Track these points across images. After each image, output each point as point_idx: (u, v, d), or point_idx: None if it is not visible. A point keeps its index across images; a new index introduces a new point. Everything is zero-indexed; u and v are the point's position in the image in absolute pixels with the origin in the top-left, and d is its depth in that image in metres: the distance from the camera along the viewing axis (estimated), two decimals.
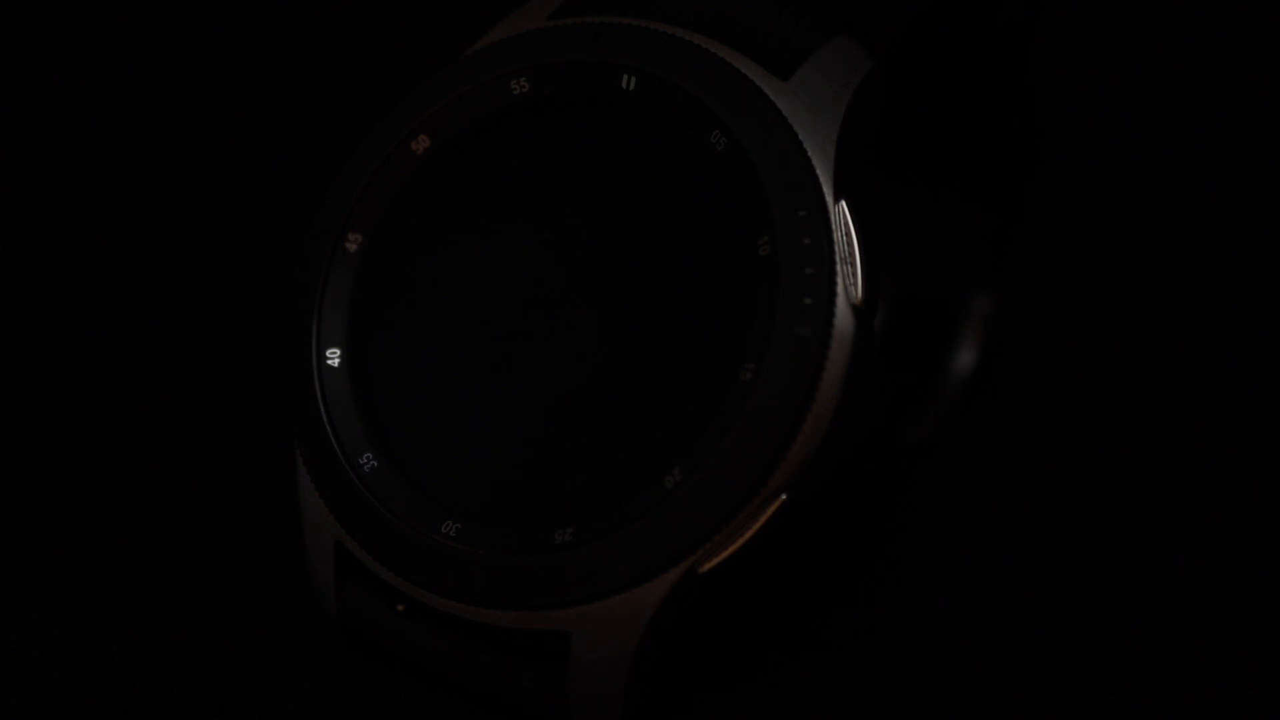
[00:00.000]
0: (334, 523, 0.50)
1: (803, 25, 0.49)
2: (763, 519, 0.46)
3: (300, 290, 0.51)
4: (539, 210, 0.50)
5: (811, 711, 0.51)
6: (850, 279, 0.47)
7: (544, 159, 0.50)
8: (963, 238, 0.63)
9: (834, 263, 0.46)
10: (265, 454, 0.58)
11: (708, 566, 0.46)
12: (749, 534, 0.46)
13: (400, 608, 0.49)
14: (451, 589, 0.48)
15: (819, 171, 0.47)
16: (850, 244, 0.47)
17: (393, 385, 0.50)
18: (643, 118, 0.49)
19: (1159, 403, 0.61)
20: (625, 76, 0.49)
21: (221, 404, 0.61)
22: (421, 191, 0.51)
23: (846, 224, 0.47)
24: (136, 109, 0.73)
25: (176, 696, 0.51)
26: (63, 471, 0.58)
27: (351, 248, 0.51)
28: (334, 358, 0.50)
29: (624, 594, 0.47)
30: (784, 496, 0.46)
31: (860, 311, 0.47)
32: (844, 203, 0.47)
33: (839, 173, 0.47)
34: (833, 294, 0.46)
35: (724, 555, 0.46)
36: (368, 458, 0.49)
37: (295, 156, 0.71)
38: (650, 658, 0.48)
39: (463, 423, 0.49)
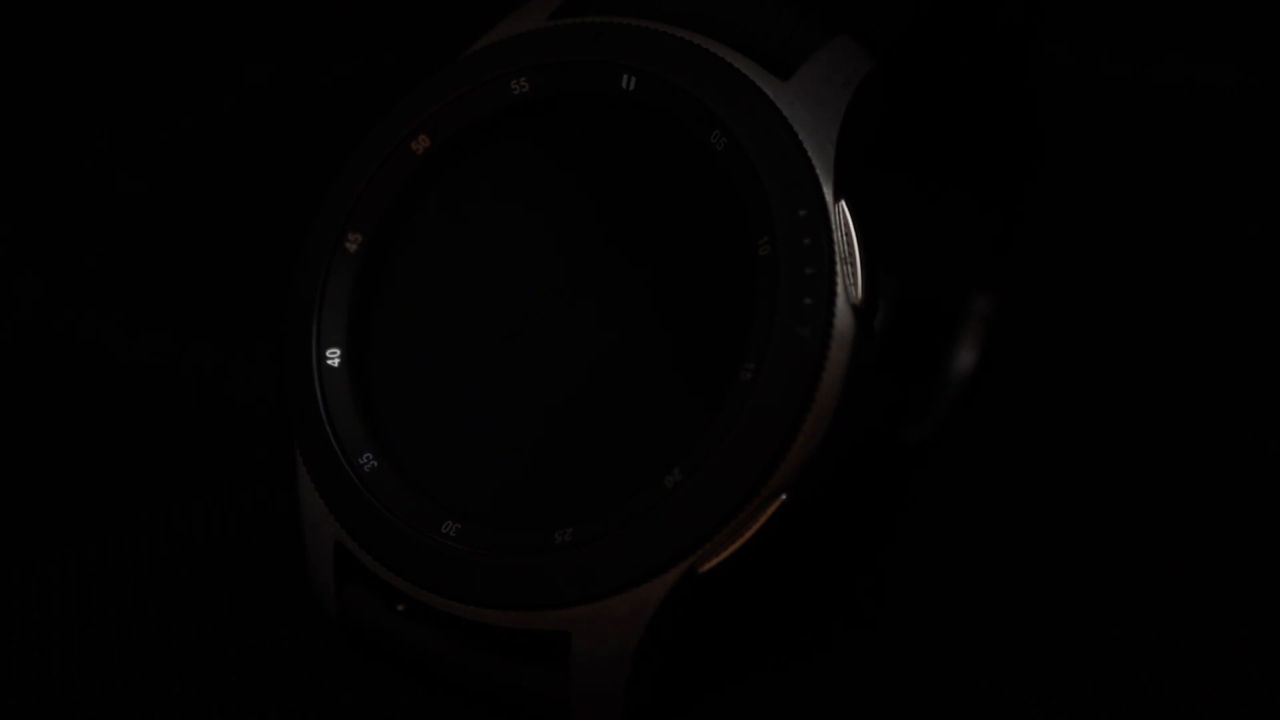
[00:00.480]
0: (334, 523, 0.50)
1: (803, 25, 0.49)
2: (763, 519, 0.46)
3: (300, 290, 0.51)
4: (539, 210, 0.50)
5: (811, 711, 0.51)
6: (850, 279, 0.47)
7: (544, 159, 0.50)
8: (963, 238, 0.63)
9: (834, 263, 0.46)
10: (265, 454, 0.58)
11: (708, 566, 0.46)
12: (749, 534, 0.46)
13: (400, 608, 0.49)
14: (451, 589, 0.48)
15: (819, 171, 0.47)
16: (850, 244, 0.47)
17: (393, 385, 0.50)
18: (643, 118, 0.49)
19: (1159, 403, 0.61)
20: (625, 76, 0.49)
21: (221, 404, 0.61)
22: (421, 191, 0.51)
23: (846, 224, 0.47)
24: (136, 109, 0.74)
25: (176, 696, 0.51)
26: (63, 471, 0.58)
27: (351, 248, 0.51)
28: (334, 358, 0.50)
29: (624, 594, 0.47)
30: (784, 496, 0.46)
31: (860, 311, 0.47)
32: (844, 203, 0.47)
33: (839, 173, 0.47)
34: (833, 294, 0.46)
35: (724, 555, 0.46)
36: (368, 458, 0.49)
37: (295, 156, 0.71)
38: (650, 658, 0.48)
39: (463, 422, 0.49)
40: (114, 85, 0.75)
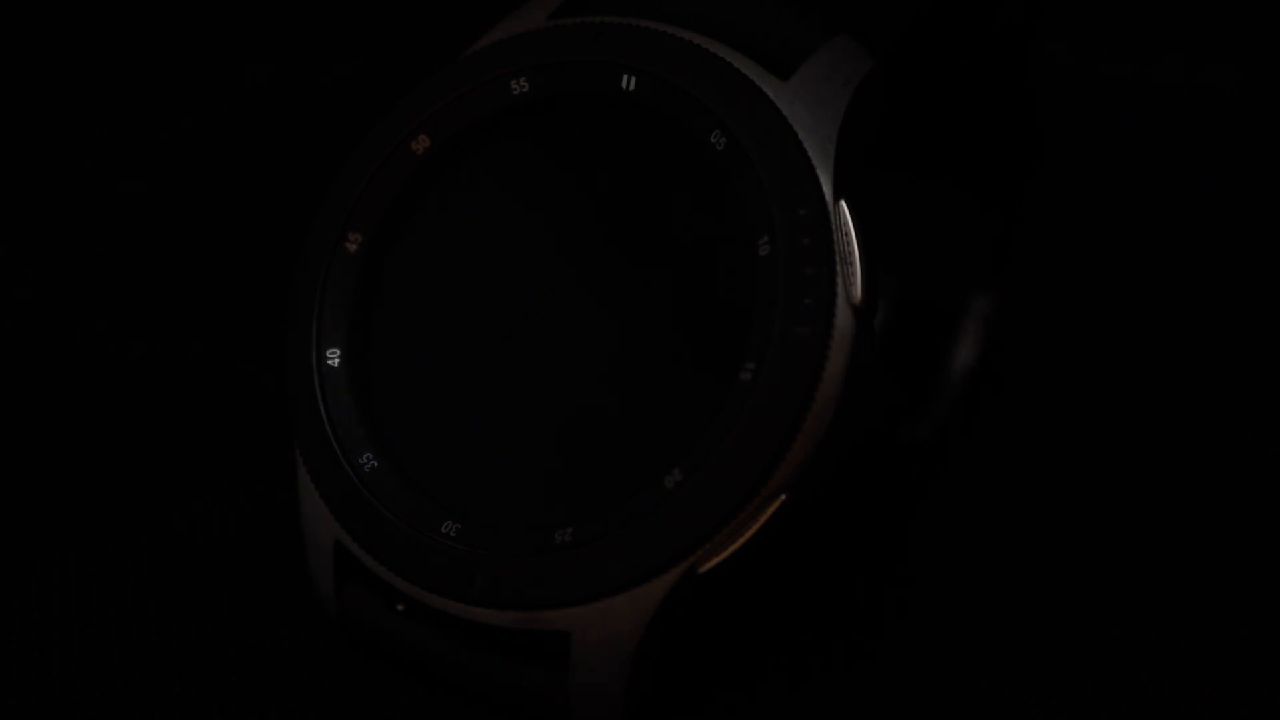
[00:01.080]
0: (334, 523, 0.50)
1: (803, 25, 0.49)
2: (763, 519, 0.46)
3: (300, 290, 0.51)
4: (539, 210, 0.50)
5: (811, 712, 0.51)
6: (850, 279, 0.47)
7: (544, 159, 0.50)
8: (963, 238, 0.63)
9: (834, 263, 0.46)
10: (265, 454, 0.58)
11: (708, 566, 0.46)
12: (749, 534, 0.46)
13: (400, 608, 0.49)
14: (451, 589, 0.48)
15: (819, 171, 0.47)
16: (850, 244, 0.47)
17: (393, 385, 0.50)
18: (643, 118, 0.49)
19: (1159, 403, 0.61)
20: (625, 76, 0.49)
21: (221, 404, 0.61)
22: (421, 191, 0.51)
23: (846, 224, 0.47)
24: (136, 109, 0.74)
25: (176, 696, 0.51)
26: (63, 471, 0.58)
27: (351, 248, 0.51)
28: (334, 358, 0.50)
29: (624, 594, 0.47)
30: (784, 496, 0.46)
31: (860, 311, 0.47)
32: (844, 203, 0.47)
33: (839, 173, 0.47)
34: (833, 294, 0.46)
35: (724, 555, 0.46)
36: (368, 458, 0.49)
37: (295, 156, 0.71)
38: (650, 658, 0.48)
39: (463, 422, 0.49)
40: (114, 85, 0.75)
